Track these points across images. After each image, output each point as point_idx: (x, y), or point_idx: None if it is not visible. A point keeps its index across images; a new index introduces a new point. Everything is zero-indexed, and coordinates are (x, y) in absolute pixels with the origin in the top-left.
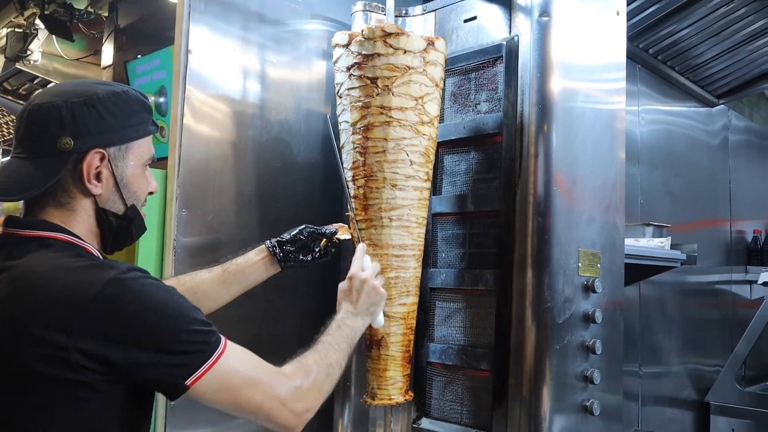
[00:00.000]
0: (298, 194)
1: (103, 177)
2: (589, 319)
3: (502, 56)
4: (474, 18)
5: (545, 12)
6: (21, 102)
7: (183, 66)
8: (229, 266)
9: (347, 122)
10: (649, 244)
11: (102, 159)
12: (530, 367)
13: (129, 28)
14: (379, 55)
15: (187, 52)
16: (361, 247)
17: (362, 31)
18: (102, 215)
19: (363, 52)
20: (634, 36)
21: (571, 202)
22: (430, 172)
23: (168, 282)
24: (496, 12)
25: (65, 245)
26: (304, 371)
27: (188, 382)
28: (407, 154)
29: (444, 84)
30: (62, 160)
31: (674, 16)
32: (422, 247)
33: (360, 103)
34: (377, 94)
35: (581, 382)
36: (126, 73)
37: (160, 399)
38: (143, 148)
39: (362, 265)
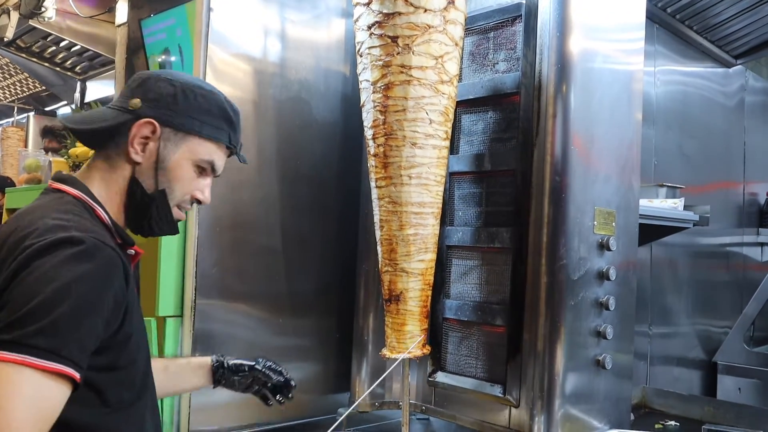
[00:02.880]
0: (317, 152)
1: (148, 149)
2: (603, 276)
3: (521, 15)
4: None
5: None
6: (34, 59)
7: (205, 24)
8: (170, 369)
9: (368, 81)
10: (662, 204)
11: (153, 131)
12: (545, 322)
13: None
14: (399, 13)
15: (209, 10)
16: None
17: None
18: (133, 184)
19: (384, 11)
20: None
21: (587, 161)
22: (449, 131)
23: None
24: None
25: (69, 199)
26: None
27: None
28: (427, 113)
29: (463, 43)
30: (123, 116)
31: None
32: (440, 205)
33: (381, 62)
34: (398, 53)
35: (594, 338)
36: (141, 30)
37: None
38: (203, 149)
39: None
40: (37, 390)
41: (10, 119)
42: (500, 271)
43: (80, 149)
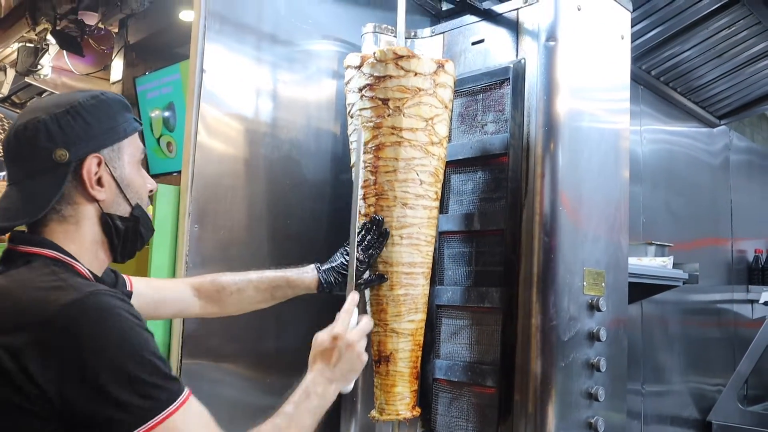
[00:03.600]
0: (307, 211)
1: (105, 181)
2: (593, 337)
3: (509, 78)
4: (482, 41)
5: (552, 36)
6: None
7: (197, 85)
8: (274, 286)
9: (357, 141)
10: (652, 263)
11: (99, 163)
12: (536, 384)
13: (138, 45)
14: (390, 77)
15: (202, 71)
16: (351, 299)
17: (374, 53)
18: (107, 221)
19: (375, 74)
20: (636, 57)
21: (576, 221)
22: (439, 192)
23: (214, 279)
24: (504, 35)
25: (48, 261)
26: None
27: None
28: (417, 174)
29: (452, 105)
30: (62, 173)
31: (676, 38)
32: (431, 265)
33: (372, 124)
34: (388, 115)
35: (586, 400)
36: (135, 88)
37: None
38: (133, 145)
39: (350, 322)
40: (196, 419)
41: (2, 173)
42: (490, 331)
43: None
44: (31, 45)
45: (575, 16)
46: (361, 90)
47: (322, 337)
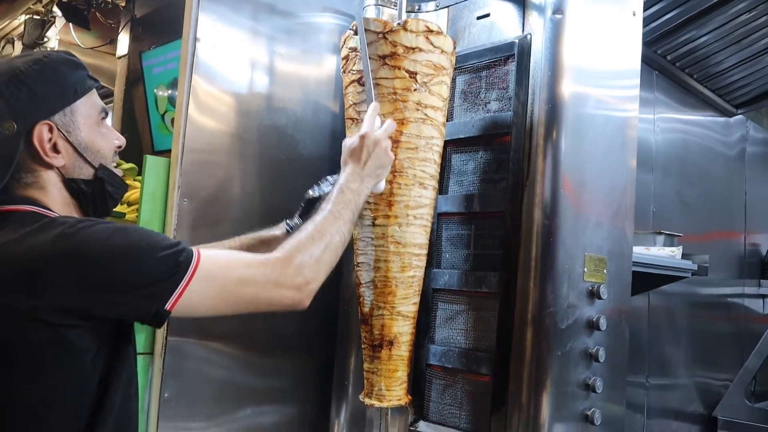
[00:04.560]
0: (303, 188)
1: (60, 147)
2: (593, 325)
3: (514, 55)
4: (487, 15)
5: (559, 9)
6: None
7: (190, 55)
8: (251, 239)
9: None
10: (660, 252)
11: (51, 129)
12: (530, 373)
13: (145, 19)
14: (420, 49)
15: (195, 40)
16: (374, 105)
17: (405, 21)
18: (72, 185)
19: (405, 44)
20: (652, 41)
21: (578, 205)
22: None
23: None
24: (510, 9)
25: (27, 216)
26: (296, 249)
27: (167, 306)
28: (433, 153)
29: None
30: (12, 144)
31: (694, 22)
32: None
33: (396, 96)
34: (415, 89)
35: (583, 391)
36: (141, 63)
37: (154, 392)
38: (89, 104)
39: (374, 123)
40: (213, 265)
41: None
42: (487, 317)
43: (134, 193)
44: (38, 17)
45: None
46: (384, 58)
47: (351, 140)
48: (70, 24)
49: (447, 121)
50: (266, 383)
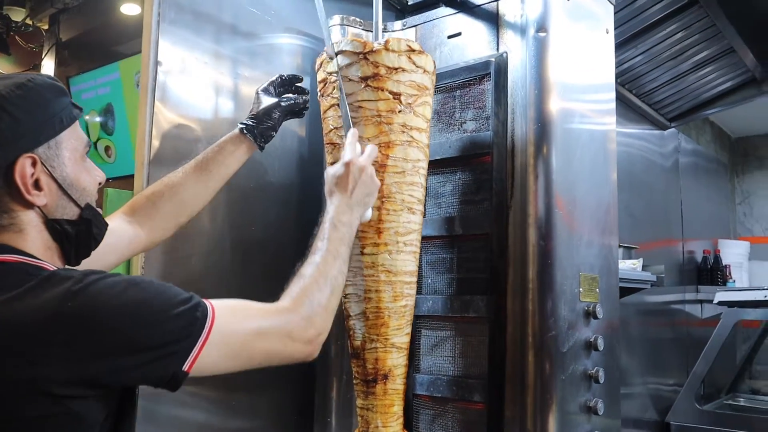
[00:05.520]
0: (272, 216)
1: (43, 183)
2: (590, 346)
3: (489, 73)
4: (458, 34)
5: (542, 27)
6: None
7: (151, 80)
8: (203, 162)
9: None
10: (622, 265)
11: (34, 164)
12: (534, 398)
13: (71, 42)
14: (403, 70)
15: (156, 63)
16: (353, 132)
17: (387, 40)
18: (54, 227)
19: (387, 64)
20: None
21: (571, 224)
22: None
23: (142, 194)
24: (482, 28)
25: (11, 268)
26: (305, 296)
27: (185, 367)
28: (419, 177)
29: None
30: None
31: (627, 44)
32: None
33: (381, 118)
34: (399, 111)
35: (585, 414)
36: (69, 88)
37: None
38: (74, 137)
39: (356, 150)
40: (229, 319)
41: None
42: (476, 342)
43: None
44: None
45: (564, 5)
46: (366, 79)
47: (334, 168)
48: None
49: None
50: (244, 423)
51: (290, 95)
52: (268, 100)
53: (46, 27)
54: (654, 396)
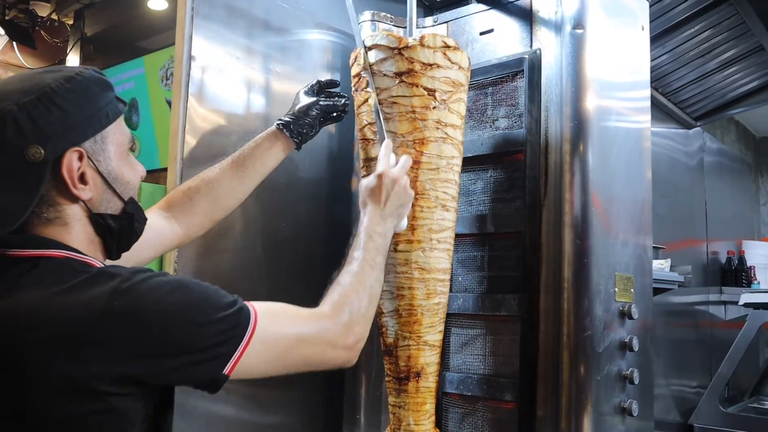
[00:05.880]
0: (302, 212)
1: (89, 177)
2: (626, 347)
3: (523, 70)
4: (491, 31)
5: (579, 24)
6: None
7: (185, 75)
8: (240, 158)
9: (393, 132)
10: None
11: (81, 158)
12: (569, 399)
13: (96, 37)
14: (438, 66)
15: (190, 58)
16: (386, 143)
17: (422, 36)
18: (98, 221)
19: (422, 60)
20: None
21: (607, 223)
22: None
23: (179, 189)
24: (515, 25)
25: (58, 263)
26: (344, 303)
27: (226, 370)
28: (454, 174)
29: None
30: (38, 173)
31: (654, 42)
32: None
33: (415, 114)
34: (434, 107)
35: (619, 416)
36: None
37: None
38: (119, 131)
39: (389, 161)
40: (271, 324)
41: None
42: (507, 341)
43: None
44: None
45: (602, 2)
46: (400, 75)
47: (367, 180)
48: (14, 43)
49: None
50: (274, 419)
51: (330, 97)
52: (306, 99)
53: (71, 22)
54: (677, 398)
